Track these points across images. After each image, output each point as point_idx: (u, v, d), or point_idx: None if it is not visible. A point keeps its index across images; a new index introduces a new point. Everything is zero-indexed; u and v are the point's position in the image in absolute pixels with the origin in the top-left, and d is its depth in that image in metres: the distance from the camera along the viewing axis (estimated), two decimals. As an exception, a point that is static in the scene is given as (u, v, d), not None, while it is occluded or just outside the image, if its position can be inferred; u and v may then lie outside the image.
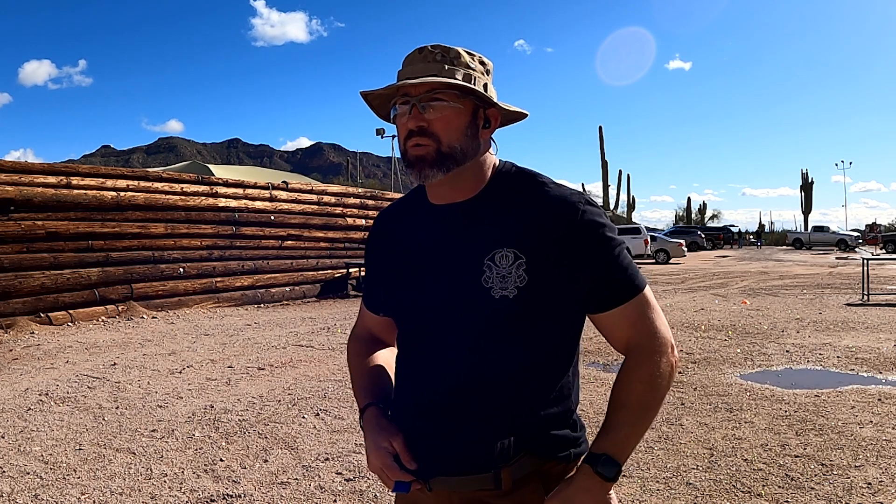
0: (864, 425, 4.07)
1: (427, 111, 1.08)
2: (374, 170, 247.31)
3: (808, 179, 57.26)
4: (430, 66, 1.08)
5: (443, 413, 1.09)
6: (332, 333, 7.93)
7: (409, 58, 1.12)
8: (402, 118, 1.10)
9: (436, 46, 1.11)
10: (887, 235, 36.32)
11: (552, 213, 1.07)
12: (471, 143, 1.11)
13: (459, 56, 1.10)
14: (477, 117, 1.12)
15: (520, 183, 1.14)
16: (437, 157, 1.08)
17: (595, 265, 1.07)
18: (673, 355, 1.11)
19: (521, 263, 1.05)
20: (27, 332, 7.85)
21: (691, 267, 21.88)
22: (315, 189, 13.58)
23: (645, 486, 3.18)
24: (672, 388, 5.03)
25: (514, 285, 1.05)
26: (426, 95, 1.07)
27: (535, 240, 1.06)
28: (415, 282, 1.15)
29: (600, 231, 1.07)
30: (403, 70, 1.11)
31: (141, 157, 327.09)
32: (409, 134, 1.09)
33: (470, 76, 1.09)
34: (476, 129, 1.12)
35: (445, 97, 1.07)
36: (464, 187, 1.13)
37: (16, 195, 8.32)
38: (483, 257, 1.07)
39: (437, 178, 1.09)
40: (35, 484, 3.25)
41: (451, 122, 1.08)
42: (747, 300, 11.13)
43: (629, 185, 53.25)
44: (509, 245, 1.07)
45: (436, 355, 1.12)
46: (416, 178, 1.10)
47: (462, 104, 1.09)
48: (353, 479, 3.31)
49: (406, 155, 1.11)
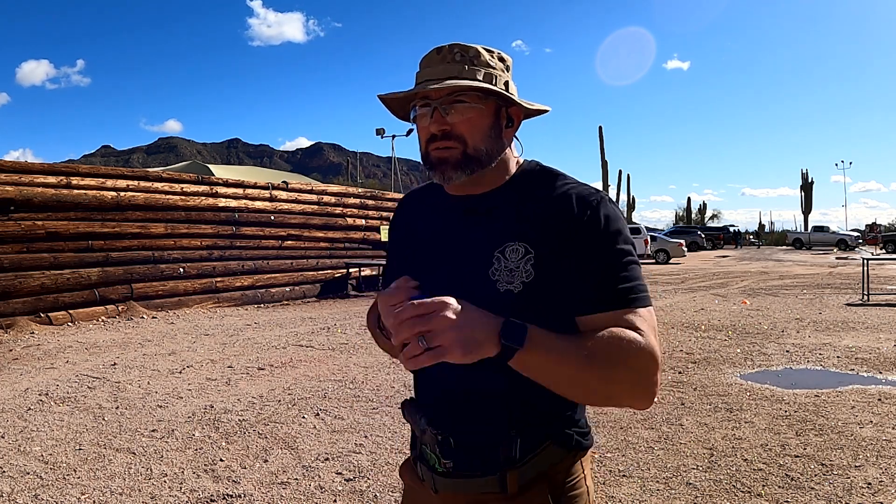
0: (864, 425, 4.07)
1: (449, 114, 1.05)
2: (374, 170, 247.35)
3: (808, 179, 57.23)
4: (450, 68, 1.06)
5: (448, 412, 1.08)
6: (332, 333, 7.93)
7: (426, 58, 1.10)
8: (423, 120, 1.08)
9: (454, 46, 1.08)
10: (887, 235, 36.31)
11: (566, 209, 1.03)
12: (495, 144, 1.09)
13: (479, 55, 1.08)
14: (500, 117, 1.10)
15: (540, 179, 1.11)
16: (463, 159, 1.06)
17: (596, 260, 1.00)
18: (656, 371, 0.94)
19: (530, 258, 1.03)
20: (27, 332, 7.84)
21: (691, 267, 21.87)
22: (315, 189, 13.58)
23: (645, 486, 3.18)
24: (672, 387, 5.05)
25: (520, 280, 1.03)
26: (448, 98, 1.05)
27: (544, 235, 1.03)
28: (425, 269, 1.11)
29: (609, 226, 1.02)
30: (422, 72, 1.09)
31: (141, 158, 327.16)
32: (432, 138, 1.07)
33: (491, 75, 1.07)
34: (500, 129, 1.10)
35: (467, 99, 1.05)
36: (484, 182, 1.12)
37: (16, 195, 8.31)
38: (494, 249, 1.05)
39: (461, 179, 1.07)
40: (35, 484, 3.25)
41: (475, 125, 1.06)
42: (747, 300, 11.13)
43: (629, 185, 53.23)
44: (521, 239, 1.05)
45: None
46: (440, 179, 1.08)
47: (484, 105, 1.07)
48: (353, 479, 3.31)
49: (428, 157, 1.09)
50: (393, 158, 29.85)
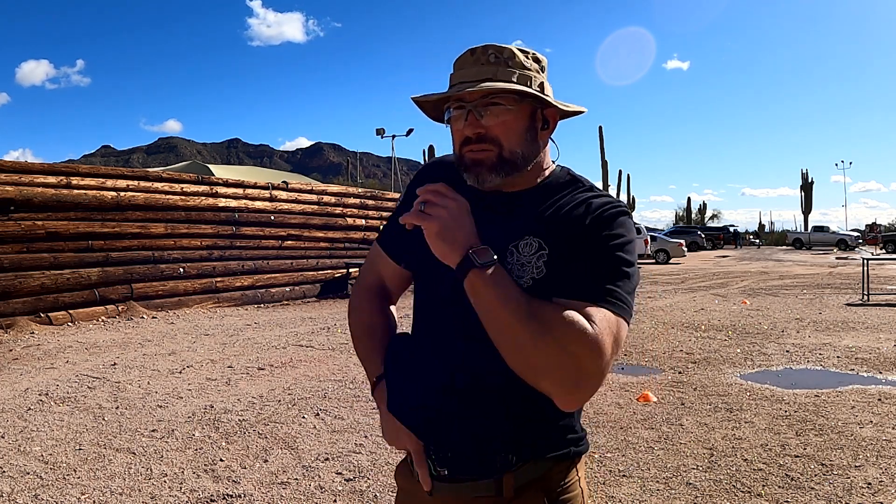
0: (864, 425, 4.08)
1: (484, 117, 1.04)
2: (374, 170, 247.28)
3: (808, 179, 57.20)
4: (484, 69, 1.04)
5: (445, 408, 1.07)
6: (332, 333, 7.93)
7: (460, 60, 1.08)
8: (458, 123, 1.06)
9: (488, 47, 1.07)
10: (887, 235, 36.31)
11: (582, 215, 1.04)
12: (531, 147, 1.08)
13: (514, 56, 1.06)
14: (535, 119, 1.08)
15: (567, 186, 1.11)
16: (498, 162, 1.05)
17: (594, 261, 1.00)
18: (592, 365, 0.91)
19: (543, 255, 1.03)
20: (27, 332, 7.85)
21: (691, 267, 21.88)
22: (315, 189, 13.58)
23: (645, 486, 3.18)
24: (672, 387, 5.06)
25: (531, 276, 1.03)
26: (482, 101, 1.04)
27: (558, 237, 1.04)
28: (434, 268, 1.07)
29: (616, 235, 1.02)
30: (456, 73, 1.07)
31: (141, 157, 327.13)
32: (466, 140, 1.06)
33: (526, 77, 1.06)
34: (535, 132, 1.08)
35: (502, 101, 1.04)
36: (515, 183, 1.10)
37: (16, 195, 8.31)
38: (509, 243, 1.05)
39: (496, 182, 1.06)
40: (35, 484, 3.25)
41: (511, 127, 1.05)
42: (747, 300, 11.13)
43: (629, 185, 53.12)
44: (536, 235, 1.05)
45: (443, 345, 1.10)
46: (474, 181, 1.06)
47: (520, 107, 1.05)
48: (353, 479, 3.31)
49: (463, 159, 1.07)
50: (393, 158, 29.84)
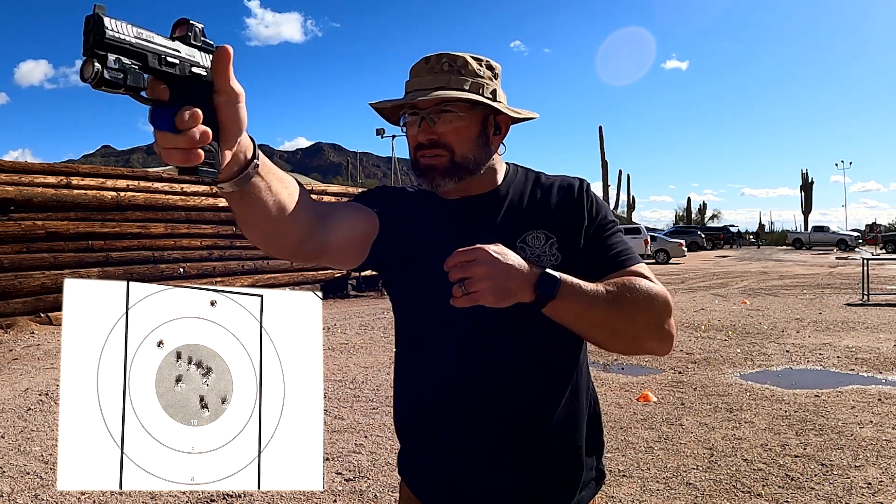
0: (864, 425, 4.08)
1: (436, 123, 1.07)
2: (374, 170, 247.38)
3: (807, 179, 57.23)
4: (438, 78, 1.07)
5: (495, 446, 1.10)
6: (332, 333, 7.93)
7: (415, 68, 1.11)
8: (412, 129, 1.10)
9: (441, 55, 1.09)
10: (887, 235, 36.29)
11: (566, 196, 1.13)
12: (482, 152, 1.11)
13: (467, 64, 1.09)
14: (487, 125, 1.11)
15: (527, 178, 1.18)
16: (451, 166, 1.08)
17: (600, 232, 1.11)
18: (671, 313, 1.04)
19: (553, 242, 1.09)
20: (27, 332, 7.85)
21: (691, 267, 21.87)
22: (315, 189, 13.59)
23: (645, 486, 3.19)
24: (672, 387, 5.06)
25: (550, 263, 1.06)
26: (435, 108, 1.07)
27: (555, 220, 1.10)
28: (432, 273, 1.02)
29: (600, 204, 1.14)
30: (411, 81, 1.10)
31: (141, 157, 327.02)
32: (420, 146, 1.09)
33: (478, 84, 1.09)
34: (487, 137, 1.11)
35: (454, 108, 1.07)
36: (479, 184, 1.13)
37: (16, 195, 8.32)
38: (514, 241, 1.07)
39: (449, 186, 1.09)
40: (35, 484, 3.25)
41: (462, 134, 1.08)
42: (747, 300, 11.13)
43: (629, 185, 53.25)
44: (537, 227, 1.09)
45: (457, 351, 1.09)
46: (428, 186, 1.10)
47: (471, 114, 1.09)
48: (353, 479, 3.31)
49: (417, 164, 1.10)
50: (393, 158, 29.86)
